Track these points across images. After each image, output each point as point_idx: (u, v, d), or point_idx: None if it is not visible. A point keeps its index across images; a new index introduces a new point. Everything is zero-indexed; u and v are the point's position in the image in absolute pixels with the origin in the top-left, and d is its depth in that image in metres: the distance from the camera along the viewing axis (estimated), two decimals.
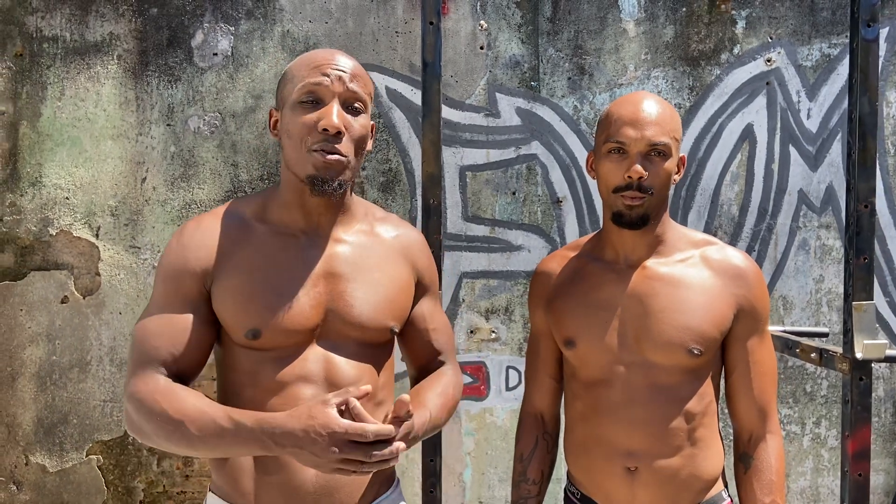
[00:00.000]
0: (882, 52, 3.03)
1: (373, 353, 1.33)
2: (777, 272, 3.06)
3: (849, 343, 1.70)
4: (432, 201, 1.75)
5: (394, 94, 2.94)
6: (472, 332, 2.99)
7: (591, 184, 3.00)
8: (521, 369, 3.01)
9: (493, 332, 3.01)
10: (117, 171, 2.87)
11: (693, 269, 1.45)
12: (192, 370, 1.30)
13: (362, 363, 1.30)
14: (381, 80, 2.94)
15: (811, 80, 3.04)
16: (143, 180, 2.88)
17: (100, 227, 2.88)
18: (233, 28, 2.89)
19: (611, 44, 2.99)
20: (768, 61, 3.02)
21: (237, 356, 1.30)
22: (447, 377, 1.41)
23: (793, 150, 3.06)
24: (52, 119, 2.85)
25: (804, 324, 3.06)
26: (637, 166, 1.37)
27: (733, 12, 3.01)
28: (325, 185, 1.24)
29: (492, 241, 2.99)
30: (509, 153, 2.99)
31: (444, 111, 2.91)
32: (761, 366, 1.46)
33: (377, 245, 1.36)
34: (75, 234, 2.86)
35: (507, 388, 3.02)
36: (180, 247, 1.30)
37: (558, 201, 3.01)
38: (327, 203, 1.31)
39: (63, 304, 2.87)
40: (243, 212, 1.34)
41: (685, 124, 3.01)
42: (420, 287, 1.43)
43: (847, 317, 1.71)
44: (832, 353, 1.77)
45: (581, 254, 1.56)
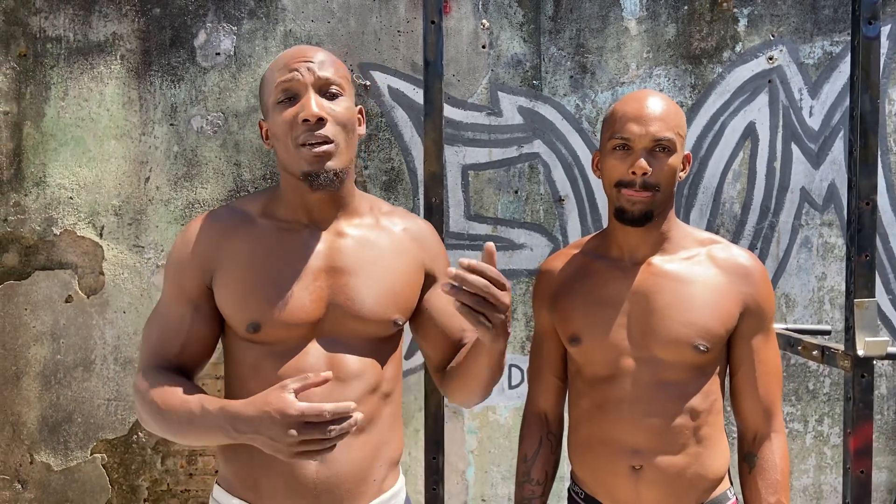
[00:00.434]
0: (883, 50, 3.02)
1: (377, 346, 1.32)
2: (779, 270, 3.06)
3: (850, 340, 1.70)
4: (434, 200, 1.76)
5: (396, 94, 2.95)
6: None
7: (593, 182, 3.00)
8: (524, 367, 3.01)
9: None
10: (121, 170, 2.88)
11: (699, 266, 1.45)
12: (195, 364, 1.33)
13: (366, 356, 1.30)
14: (383, 80, 2.95)
15: (813, 78, 3.04)
16: (147, 180, 2.89)
17: (103, 227, 2.89)
18: (235, 28, 2.90)
19: (613, 42, 2.99)
20: (770, 59, 3.03)
21: (240, 350, 1.31)
22: None
23: (795, 147, 3.06)
24: (56, 119, 2.86)
25: (806, 321, 3.06)
26: (641, 161, 1.38)
27: (735, 10, 3.01)
28: (319, 177, 1.25)
29: (494, 239, 3.00)
30: (511, 152, 2.99)
31: (447, 110, 2.92)
32: (766, 365, 1.46)
33: (382, 238, 1.36)
34: (79, 234, 2.88)
35: (510, 387, 3.03)
36: (183, 244, 1.33)
37: (560, 200, 3.01)
38: (328, 198, 1.31)
39: (67, 303, 2.88)
40: (247, 208, 1.36)
41: (687, 122, 3.01)
42: (432, 278, 1.41)
43: (849, 314, 1.72)
44: (834, 350, 1.77)
45: (585, 252, 1.56)
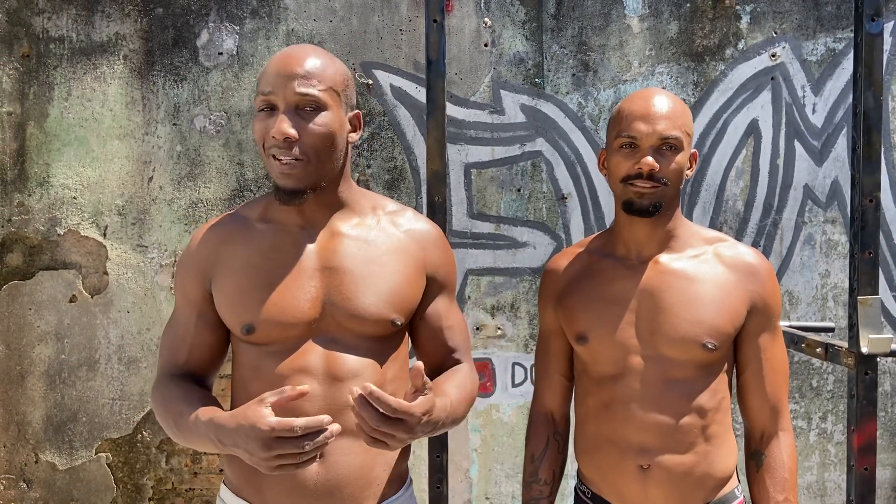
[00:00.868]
0: (887, 47, 3.02)
1: (376, 346, 1.32)
2: (783, 267, 3.06)
3: (854, 337, 1.70)
4: (437, 198, 1.76)
5: (398, 92, 2.95)
6: (477, 328, 3.00)
7: (596, 180, 3.00)
8: (527, 366, 3.01)
9: (498, 328, 3.01)
10: (124, 170, 2.89)
11: (706, 264, 1.44)
12: (205, 369, 1.36)
13: (365, 356, 1.30)
14: (385, 78, 2.95)
15: (816, 75, 3.04)
16: (150, 179, 2.90)
17: (107, 227, 2.89)
18: (238, 27, 2.90)
19: (615, 40, 2.99)
20: (773, 56, 3.02)
21: (241, 352, 1.33)
22: (464, 373, 1.39)
23: (798, 145, 3.05)
24: (59, 119, 2.87)
25: (810, 319, 3.06)
26: (648, 158, 1.37)
27: (737, 7, 3.01)
28: (289, 196, 1.26)
29: (497, 237, 3.00)
30: (514, 150, 2.99)
31: (449, 109, 2.92)
32: (773, 363, 1.45)
33: (381, 238, 1.35)
34: (83, 234, 2.88)
35: (514, 385, 3.03)
36: (187, 253, 1.37)
37: (563, 198, 3.01)
38: (316, 200, 1.32)
39: (71, 303, 2.89)
40: (248, 214, 1.37)
41: None
42: (433, 283, 1.40)
43: (852, 311, 1.71)
44: (837, 347, 1.77)
45: (591, 250, 1.55)
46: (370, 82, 2.94)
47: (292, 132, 1.23)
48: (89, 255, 2.89)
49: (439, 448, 1.77)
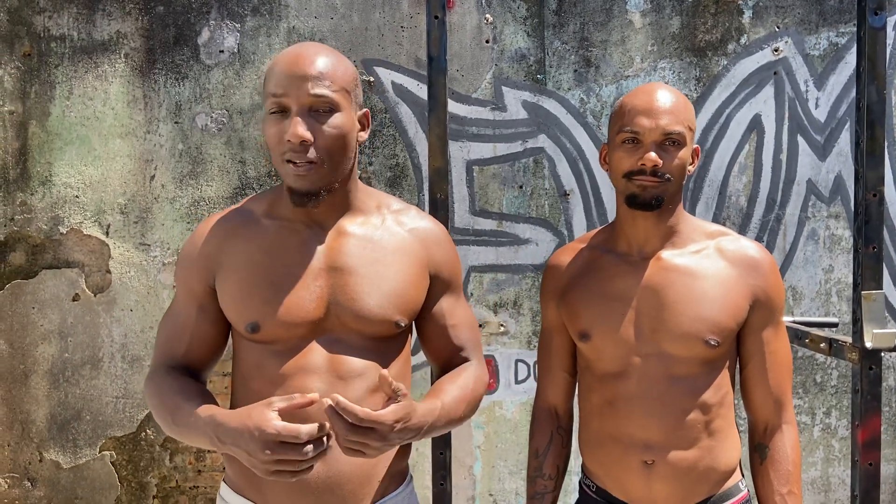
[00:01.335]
0: (889, 41, 3.01)
1: (380, 346, 1.32)
2: (786, 263, 3.05)
3: (858, 332, 1.70)
4: (439, 196, 1.76)
5: (400, 89, 2.95)
6: (480, 326, 3.00)
7: (599, 177, 3.00)
8: (530, 362, 3.01)
9: (501, 325, 3.01)
10: (126, 169, 2.89)
11: (708, 260, 1.44)
12: (203, 363, 1.34)
13: (369, 356, 1.30)
14: (386, 75, 2.94)
15: (819, 70, 3.03)
16: (152, 178, 2.90)
17: (109, 225, 2.90)
18: (238, 25, 2.90)
19: (617, 35, 2.98)
20: (776, 51, 3.01)
21: (243, 349, 1.32)
22: (469, 371, 1.38)
23: (801, 139, 3.04)
24: (61, 118, 2.87)
25: (814, 314, 3.05)
26: (651, 154, 1.37)
27: (740, 2, 3.00)
28: (304, 199, 1.25)
29: (499, 234, 3.00)
30: (516, 147, 2.99)
31: (451, 105, 2.92)
32: (776, 356, 1.45)
33: (386, 237, 1.35)
34: (85, 233, 2.89)
35: (517, 382, 3.03)
36: (190, 245, 1.35)
37: (566, 194, 3.01)
38: (330, 200, 1.31)
39: (74, 301, 2.90)
40: (253, 208, 1.36)
41: None
42: (438, 282, 1.40)
43: (856, 306, 1.71)
44: (841, 342, 1.77)
45: (593, 246, 1.55)
46: (372, 79, 2.93)
47: (308, 135, 1.21)
48: (92, 253, 2.89)
49: (442, 445, 1.77)
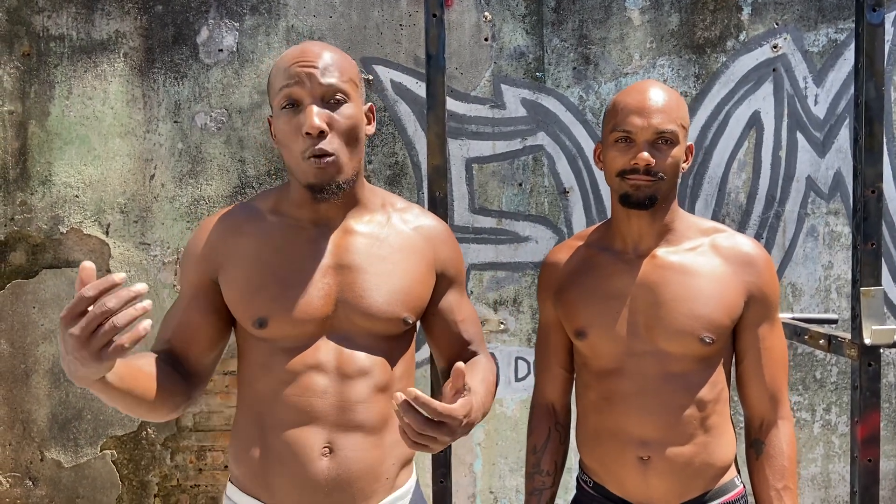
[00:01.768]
0: (888, 37, 3.01)
1: (387, 344, 1.32)
2: (785, 259, 3.06)
3: (857, 329, 1.70)
4: (438, 194, 1.76)
5: (399, 87, 2.95)
6: (481, 323, 3.00)
7: (598, 174, 3.00)
8: (530, 360, 3.02)
9: (501, 323, 3.02)
10: (126, 168, 2.89)
11: (703, 257, 1.45)
12: (184, 348, 1.31)
13: (376, 354, 1.30)
14: (385, 74, 2.94)
15: (818, 66, 3.03)
16: (152, 177, 2.90)
17: (109, 225, 2.90)
18: (237, 24, 2.90)
19: (616, 33, 2.98)
20: (775, 48, 3.01)
21: (249, 347, 1.32)
22: (484, 366, 1.39)
23: (800, 136, 3.04)
24: (61, 118, 2.87)
25: (813, 311, 3.05)
26: (644, 153, 1.37)
27: None
28: (324, 192, 1.25)
29: (499, 232, 3.00)
30: (515, 144, 2.99)
31: (450, 103, 2.92)
32: (772, 352, 1.46)
33: (393, 235, 1.36)
34: (85, 232, 2.89)
35: (517, 379, 3.03)
36: (195, 240, 1.36)
37: (565, 192, 3.01)
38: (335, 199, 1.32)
39: None
40: (259, 205, 1.37)
41: (691, 112, 3.00)
42: (444, 279, 1.41)
43: (855, 302, 1.71)
44: (841, 339, 1.77)
45: (589, 244, 1.56)
46: (370, 78, 2.93)
47: (325, 125, 1.21)
48: (92, 253, 2.90)
49: None
